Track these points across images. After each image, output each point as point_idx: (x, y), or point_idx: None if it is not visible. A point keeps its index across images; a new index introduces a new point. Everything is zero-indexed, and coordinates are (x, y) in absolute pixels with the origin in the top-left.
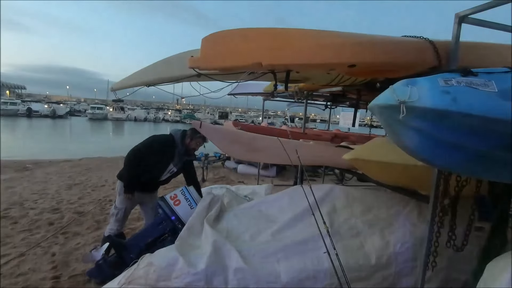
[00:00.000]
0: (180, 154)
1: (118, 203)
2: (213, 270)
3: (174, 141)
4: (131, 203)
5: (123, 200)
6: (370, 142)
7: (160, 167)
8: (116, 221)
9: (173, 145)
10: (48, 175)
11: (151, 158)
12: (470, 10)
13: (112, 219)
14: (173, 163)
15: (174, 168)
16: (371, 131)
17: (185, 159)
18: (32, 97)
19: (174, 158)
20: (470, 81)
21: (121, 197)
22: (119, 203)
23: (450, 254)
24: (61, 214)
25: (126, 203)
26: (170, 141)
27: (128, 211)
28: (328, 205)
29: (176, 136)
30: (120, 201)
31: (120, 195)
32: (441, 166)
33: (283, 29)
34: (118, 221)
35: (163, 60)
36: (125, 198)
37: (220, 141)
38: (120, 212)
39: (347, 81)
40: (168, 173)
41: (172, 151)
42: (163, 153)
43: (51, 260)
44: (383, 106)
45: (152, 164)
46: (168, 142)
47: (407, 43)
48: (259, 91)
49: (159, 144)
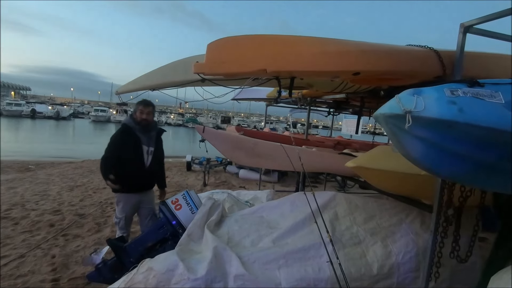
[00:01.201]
0: (142, 132)
1: (118, 213)
2: (213, 276)
3: (128, 126)
4: (131, 210)
5: (121, 208)
6: (373, 150)
7: (135, 152)
8: (120, 228)
9: (130, 129)
10: (50, 176)
11: (122, 152)
12: (475, 21)
13: (116, 227)
14: (144, 144)
15: (151, 147)
16: (374, 138)
17: (153, 134)
18: (37, 99)
19: (140, 138)
20: (476, 92)
21: (119, 207)
22: (118, 212)
23: (454, 265)
24: (62, 215)
25: (124, 211)
26: (125, 128)
27: (129, 218)
28: (330, 213)
29: (127, 120)
30: (119, 210)
31: (118, 205)
32: (446, 176)
33: (288, 36)
34: (122, 228)
35: (167, 64)
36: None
37: (222, 146)
38: (122, 220)
39: (350, 88)
40: (149, 155)
41: (132, 133)
42: (127, 141)
43: (51, 262)
44: (389, 115)
45: (127, 154)
46: (124, 130)
47: (411, 52)
48: (263, 96)
49: (119, 137)
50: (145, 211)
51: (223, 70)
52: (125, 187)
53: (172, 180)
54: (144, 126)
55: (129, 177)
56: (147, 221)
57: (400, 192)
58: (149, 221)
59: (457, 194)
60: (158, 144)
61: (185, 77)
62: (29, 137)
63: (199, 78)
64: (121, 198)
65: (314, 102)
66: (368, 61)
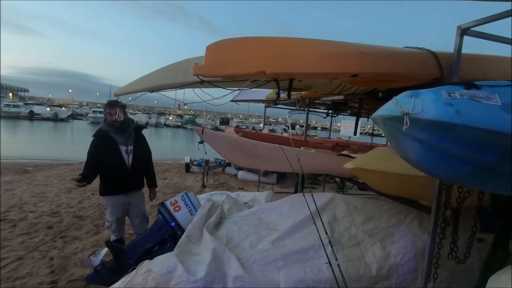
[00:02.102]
0: (116, 133)
1: (109, 216)
2: (212, 278)
3: (102, 129)
4: (121, 212)
5: (110, 212)
6: (371, 152)
7: (113, 154)
8: (112, 232)
9: (104, 132)
10: (49, 178)
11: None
12: (472, 23)
13: (109, 231)
14: (120, 144)
15: (130, 146)
16: (373, 139)
17: (130, 133)
18: (35, 100)
19: (115, 140)
20: (473, 94)
21: (108, 210)
22: (109, 215)
23: (452, 266)
24: (60, 217)
25: (114, 214)
26: (100, 132)
27: (120, 220)
28: (329, 214)
29: (101, 124)
30: (109, 213)
31: (107, 209)
32: (444, 178)
33: (286, 38)
34: (115, 232)
35: (167, 66)
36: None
37: (222, 148)
38: (113, 223)
39: (349, 90)
40: (129, 154)
41: (108, 137)
42: (104, 144)
43: (49, 264)
44: (387, 117)
45: (105, 157)
46: (99, 134)
47: (409, 54)
48: (261, 98)
49: (95, 142)
50: (134, 213)
51: (222, 72)
52: (110, 189)
53: (171, 181)
54: (117, 127)
55: (112, 178)
56: (138, 223)
57: (398, 193)
58: (140, 223)
59: (455, 195)
60: (139, 142)
61: (184, 79)
62: (27, 139)
63: (198, 80)
64: (108, 201)
65: (313, 103)
66: (366, 63)
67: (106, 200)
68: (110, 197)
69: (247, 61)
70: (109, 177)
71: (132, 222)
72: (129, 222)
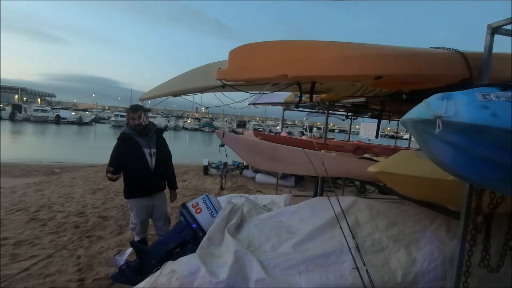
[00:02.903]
0: (139, 136)
1: (133, 218)
2: (234, 280)
3: (125, 133)
4: (145, 214)
5: (135, 214)
6: (396, 155)
7: (138, 156)
8: (136, 234)
9: (127, 135)
10: (74, 179)
11: (125, 159)
12: (503, 21)
13: (134, 233)
14: (144, 147)
15: (152, 149)
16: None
17: (152, 136)
18: (61, 105)
19: (139, 143)
20: (510, 96)
21: (133, 213)
22: (133, 218)
23: (483, 275)
24: (86, 217)
25: (139, 217)
26: (123, 136)
27: (145, 222)
28: (351, 218)
29: (124, 128)
30: (134, 216)
31: (132, 211)
32: (476, 182)
33: (308, 41)
34: (139, 234)
35: (188, 71)
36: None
37: (242, 151)
38: (137, 225)
39: (370, 92)
40: (152, 156)
41: (131, 140)
42: (128, 147)
43: (77, 262)
44: (417, 120)
45: (130, 160)
46: (122, 138)
47: (435, 55)
48: (280, 101)
49: (119, 145)
50: (158, 215)
51: (244, 76)
52: (134, 192)
53: (189, 184)
54: (140, 131)
55: (136, 181)
56: (161, 225)
57: (425, 198)
58: (163, 225)
59: (487, 200)
60: (160, 144)
61: (206, 83)
62: (54, 142)
63: (220, 84)
64: (133, 203)
65: (333, 106)
66: (390, 64)
67: (131, 203)
68: (134, 200)
69: (269, 65)
70: (133, 180)
71: (155, 224)
72: (152, 223)
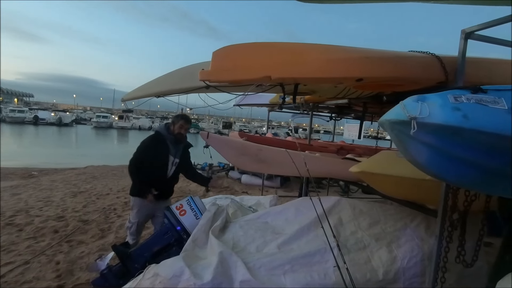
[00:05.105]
0: (173, 143)
1: (132, 217)
2: (219, 282)
3: (161, 134)
4: (145, 216)
5: (135, 214)
6: (377, 155)
7: (162, 161)
8: (131, 234)
9: (162, 137)
10: (54, 182)
11: (150, 158)
12: (476, 27)
13: (127, 232)
14: (171, 154)
15: (176, 159)
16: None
17: (181, 147)
18: (40, 105)
19: (169, 149)
20: (480, 98)
21: (133, 211)
22: (132, 217)
23: (459, 270)
24: (66, 222)
25: (138, 217)
26: (158, 136)
27: (142, 224)
28: (335, 218)
29: (162, 129)
30: (133, 215)
31: (133, 210)
32: (451, 182)
33: (293, 43)
34: (132, 234)
35: (173, 72)
36: (148, 201)
37: (227, 152)
38: (134, 225)
39: (353, 94)
40: (173, 165)
41: (164, 143)
42: (157, 149)
43: (56, 268)
44: (394, 121)
45: (154, 162)
46: (156, 137)
47: (414, 59)
48: (265, 102)
49: (150, 143)
50: (159, 220)
51: (228, 77)
52: (143, 192)
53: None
54: (177, 139)
55: (150, 182)
56: None
57: (405, 197)
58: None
59: (462, 198)
60: (184, 157)
61: (190, 84)
62: (32, 144)
63: (204, 85)
64: (137, 202)
65: (317, 107)
66: (371, 67)
67: (134, 201)
68: (140, 199)
69: (253, 66)
70: (147, 180)
71: (155, 227)
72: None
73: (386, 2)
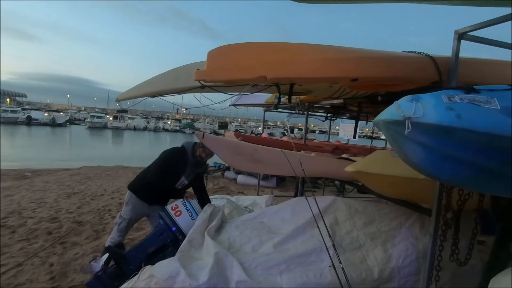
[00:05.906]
0: (191, 166)
1: (124, 213)
2: (215, 283)
3: (186, 153)
4: (137, 214)
5: (129, 210)
6: (372, 155)
7: (173, 179)
8: (119, 230)
9: (185, 157)
10: (47, 183)
11: (166, 165)
12: (469, 28)
13: (115, 228)
14: (184, 175)
15: (186, 181)
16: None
17: (196, 171)
18: (33, 105)
19: (186, 170)
20: (473, 98)
21: (127, 208)
22: (124, 213)
23: (453, 268)
24: (59, 223)
25: (131, 214)
26: (181, 153)
27: (132, 222)
28: (330, 217)
29: (188, 149)
30: (126, 211)
31: (127, 205)
32: (445, 181)
33: (288, 43)
34: (120, 231)
35: (168, 71)
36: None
37: (223, 152)
38: (124, 222)
39: (348, 94)
40: (179, 185)
41: (184, 163)
42: (175, 166)
43: (49, 270)
44: (388, 121)
45: (168, 170)
46: (180, 155)
47: (408, 59)
48: (261, 102)
49: (172, 159)
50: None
51: (223, 77)
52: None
53: None
54: (197, 162)
55: (153, 188)
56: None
57: (399, 196)
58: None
59: (456, 197)
60: (195, 181)
61: (185, 84)
62: (25, 144)
63: (199, 85)
64: (133, 199)
65: (312, 107)
66: (366, 67)
67: (131, 197)
68: (137, 198)
69: (248, 66)
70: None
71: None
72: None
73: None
